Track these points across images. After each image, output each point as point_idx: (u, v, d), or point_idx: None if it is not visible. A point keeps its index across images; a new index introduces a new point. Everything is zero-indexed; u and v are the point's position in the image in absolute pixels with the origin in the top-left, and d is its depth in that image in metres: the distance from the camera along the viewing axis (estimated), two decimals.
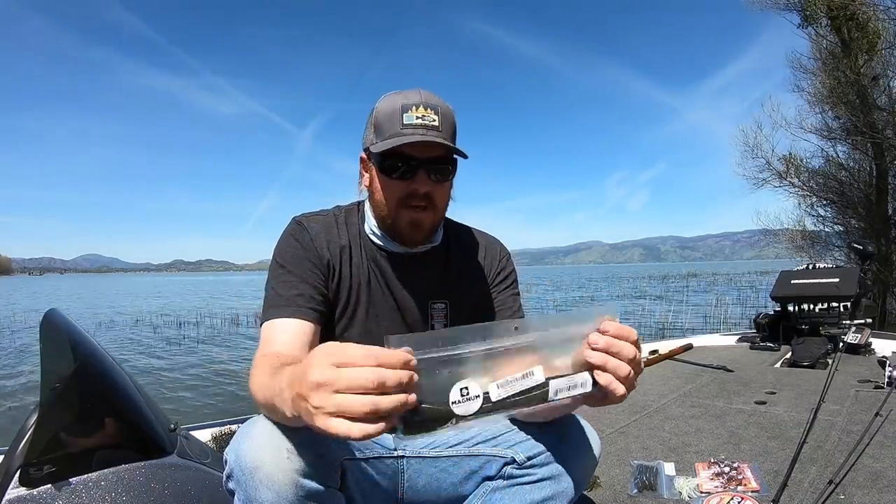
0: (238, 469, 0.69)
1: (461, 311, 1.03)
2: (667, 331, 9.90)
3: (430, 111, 0.89)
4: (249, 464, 0.68)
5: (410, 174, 0.90)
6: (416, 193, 0.90)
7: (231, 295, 30.51)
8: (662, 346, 3.80)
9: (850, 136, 9.02)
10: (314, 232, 0.96)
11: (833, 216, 9.90)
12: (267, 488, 0.67)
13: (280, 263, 0.93)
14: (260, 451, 0.69)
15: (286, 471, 0.68)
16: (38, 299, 28.06)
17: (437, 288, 1.02)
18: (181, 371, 7.16)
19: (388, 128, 0.89)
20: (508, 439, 0.91)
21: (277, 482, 0.67)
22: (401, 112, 0.88)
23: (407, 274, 1.00)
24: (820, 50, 9.39)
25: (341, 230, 0.99)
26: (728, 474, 1.61)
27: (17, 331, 12.02)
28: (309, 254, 0.94)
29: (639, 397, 2.60)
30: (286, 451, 0.69)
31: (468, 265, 1.06)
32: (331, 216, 1.01)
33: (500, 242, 1.12)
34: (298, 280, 0.91)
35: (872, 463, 1.64)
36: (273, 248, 0.97)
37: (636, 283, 27.62)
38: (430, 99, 0.90)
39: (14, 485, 0.92)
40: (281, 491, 0.67)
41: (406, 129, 0.88)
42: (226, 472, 0.73)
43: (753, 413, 2.27)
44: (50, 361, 1.06)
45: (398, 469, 0.96)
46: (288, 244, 0.95)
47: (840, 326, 3.64)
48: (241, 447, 0.70)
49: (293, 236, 0.96)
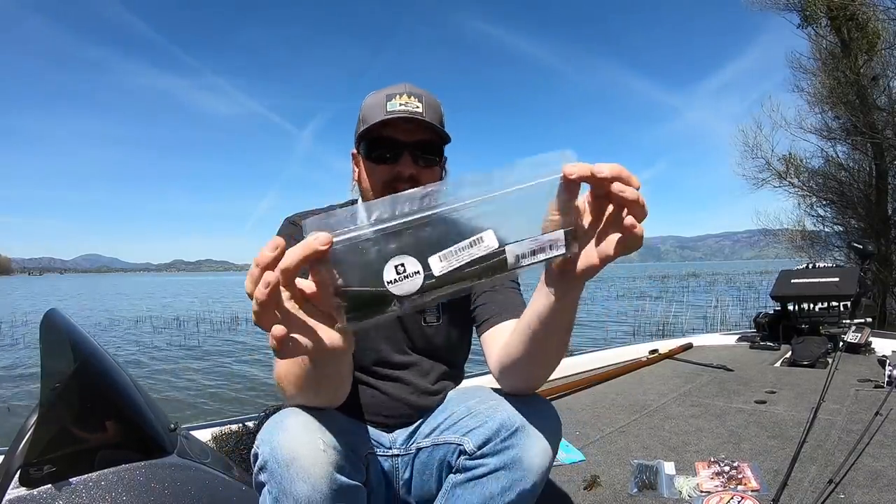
0: (273, 461, 0.69)
1: (452, 302, 1.01)
2: (667, 330, 9.90)
3: (413, 98, 0.91)
4: (286, 456, 0.68)
5: (395, 158, 0.91)
6: (400, 177, 0.92)
7: (231, 295, 30.52)
8: (662, 345, 3.79)
9: (850, 136, 9.02)
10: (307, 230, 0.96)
11: (833, 216, 9.91)
12: (303, 481, 0.67)
13: None
14: (296, 444, 0.68)
15: (322, 464, 0.68)
16: (38, 299, 28.07)
17: None
18: (181, 371, 7.16)
19: (372, 116, 0.91)
20: (465, 425, 0.86)
21: (314, 475, 0.67)
22: (385, 101, 0.90)
23: None
24: (820, 50, 9.39)
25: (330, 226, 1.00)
26: (728, 473, 1.61)
27: (17, 331, 12.02)
28: None
29: (639, 397, 2.60)
30: (322, 444, 0.69)
31: None
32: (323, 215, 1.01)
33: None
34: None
35: (872, 462, 1.64)
36: None
37: (636, 283, 27.64)
38: (414, 89, 0.92)
39: (14, 485, 0.92)
40: (317, 484, 0.67)
41: (390, 115, 0.89)
42: (258, 465, 0.72)
43: (753, 412, 2.28)
44: (50, 361, 1.06)
45: (393, 468, 0.98)
46: None
47: (840, 326, 3.64)
48: (276, 439, 0.70)
49: (287, 235, 0.95)
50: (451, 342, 1.05)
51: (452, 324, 1.05)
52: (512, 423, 0.81)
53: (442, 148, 0.96)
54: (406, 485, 0.97)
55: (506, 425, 0.81)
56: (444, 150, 0.96)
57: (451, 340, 1.05)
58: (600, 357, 3.46)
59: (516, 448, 0.80)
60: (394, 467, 0.98)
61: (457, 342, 1.07)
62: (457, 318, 1.04)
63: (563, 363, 3.26)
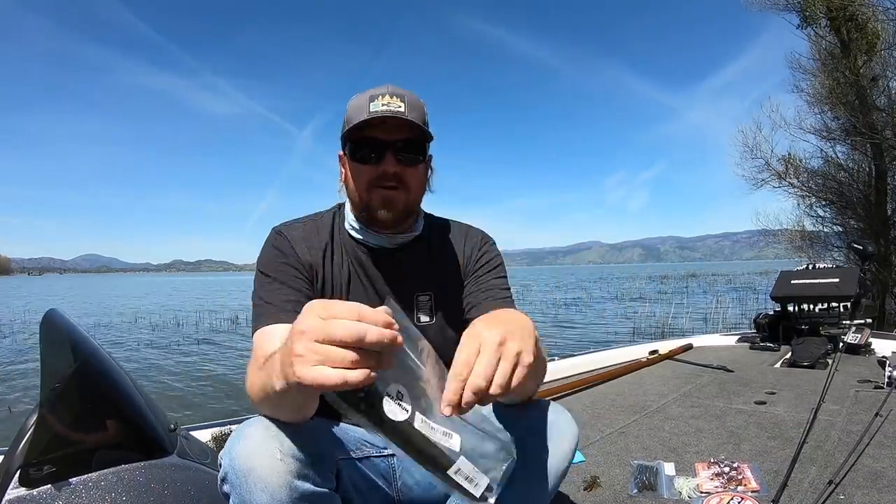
0: (232, 472, 0.69)
1: (446, 301, 1.03)
2: (667, 331, 9.91)
3: (395, 98, 0.92)
4: (243, 466, 0.68)
5: (378, 157, 0.92)
6: (385, 175, 0.93)
7: (230, 295, 30.50)
8: (662, 346, 3.80)
9: (850, 136, 9.03)
10: (294, 239, 0.97)
11: (832, 217, 9.92)
12: (261, 491, 0.67)
13: (264, 273, 0.94)
14: (253, 454, 0.69)
15: (280, 473, 0.68)
16: (38, 299, 28.05)
17: (421, 280, 1.02)
18: (181, 371, 7.16)
19: (355, 116, 0.92)
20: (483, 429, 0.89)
21: (271, 485, 0.67)
22: (368, 102, 0.91)
23: (390, 268, 1.01)
24: (819, 50, 9.40)
25: (322, 233, 1.01)
26: (728, 474, 1.61)
27: (16, 331, 12.01)
28: (291, 260, 0.95)
29: (639, 397, 2.60)
30: (279, 453, 0.69)
31: (450, 255, 1.07)
32: (310, 222, 1.02)
33: (482, 231, 1.13)
34: (285, 287, 0.92)
35: (872, 463, 1.64)
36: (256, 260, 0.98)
37: (636, 284, 27.64)
38: (396, 90, 0.93)
39: (14, 485, 0.92)
40: (275, 493, 0.67)
41: (372, 115, 0.90)
42: (220, 476, 0.73)
43: (753, 413, 2.28)
44: (50, 361, 1.06)
45: (390, 468, 0.97)
46: (269, 253, 0.96)
47: (840, 326, 3.64)
48: (235, 450, 0.70)
49: (274, 245, 0.97)
50: (445, 341, 1.04)
51: (446, 322, 1.04)
52: (534, 428, 0.85)
53: (426, 146, 0.97)
54: (406, 486, 0.97)
55: (530, 429, 0.85)
56: (428, 149, 0.97)
57: (445, 339, 1.04)
58: (600, 358, 3.47)
59: (539, 451, 0.84)
60: (391, 468, 0.97)
61: (451, 342, 1.06)
62: (450, 316, 1.04)
63: (563, 363, 3.27)
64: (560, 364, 3.19)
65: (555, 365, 3.17)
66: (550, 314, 13.74)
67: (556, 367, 3.15)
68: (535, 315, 13.64)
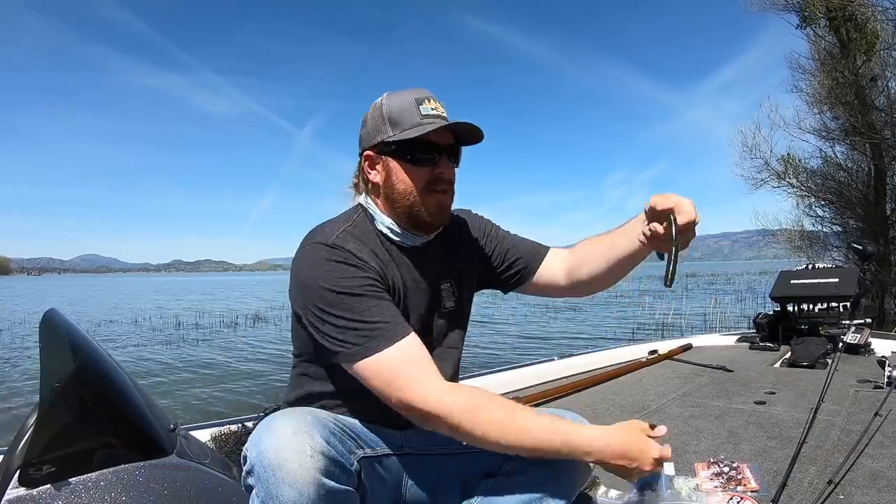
0: (260, 466, 0.70)
1: (463, 285, 1.09)
2: (666, 331, 9.91)
3: (439, 104, 0.96)
4: (272, 461, 0.68)
5: (434, 161, 0.95)
6: (441, 178, 0.96)
7: (230, 295, 30.50)
8: (662, 346, 3.79)
9: (849, 136, 9.03)
10: (353, 248, 0.91)
11: (831, 216, 9.92)
12: (290, 486, 0.67)
13: (348, 293, 0.85)
14: (283, 449, 0.69)
15: (309, 469, 0.68)
16: (37, 299, 28.03)
17: (443, 269, 1.06)
18: (180, 371, 7.16)
19: (407, 119, 0.93)
20: None
21: (300, 480, 0.68)
22: (416, 105, 0.94)
23: (417, 262, 1.02)
24: (818, 50, 9.40)
25: (370, 239, 0.97)
26: (727, 474, 1.61)
27: (16, 331, 12.00)
28: (367, 271, 0.89)
29: (638, 397, 2.60)
30: (310, 450, 0.70)
31: (463, 241, 1.12)
32: (350, 229, 0.96)
33: (466, 211, 1.19)
34: (377, 299, 0.87)
35: (872, 463, 1.64)
36: (311, 280, 0.87)
37: (635, 284, 27.63)
38: (432, 95, 0.97)
39: (14, 485, 0.92)
40: (304, 490, 0.68)
41: (426, 118, 0.93)
42: (245, 468, 0.73)
43: (753, 413, 2.28)
44: (49, 361, 1.06)
45: (401, 466, 0.97)
46: (340, 271, 0.86)
47: (839, 326, 3.64)
48: (264, 444, 0.70)
49: (337, 261, 0.87)
50: (461, 320, 1.11)
51: (463, 304, 1.10)
52: None
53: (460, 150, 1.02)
54: (417, 485, 0.97)
55: None
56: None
57: (461, 318, 1.10)
58: (599, 358, 3.46)
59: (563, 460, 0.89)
60: (405, 467, 0.97)
61: (465, 318, 1.13)
62: (465, 298, 1.11)
63: (563, 363, 3.26)
64: (560, 364, 3.19)
65: (554, 365, 3.17)
66: (550, 314, 13.74)
67: (555, 367, 3.15)
68: (535, 315, 13.65)
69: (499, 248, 1.14)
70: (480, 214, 1.19)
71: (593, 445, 0.87)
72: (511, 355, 7.52)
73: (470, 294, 1.13)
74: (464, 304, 1.10)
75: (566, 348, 7.65)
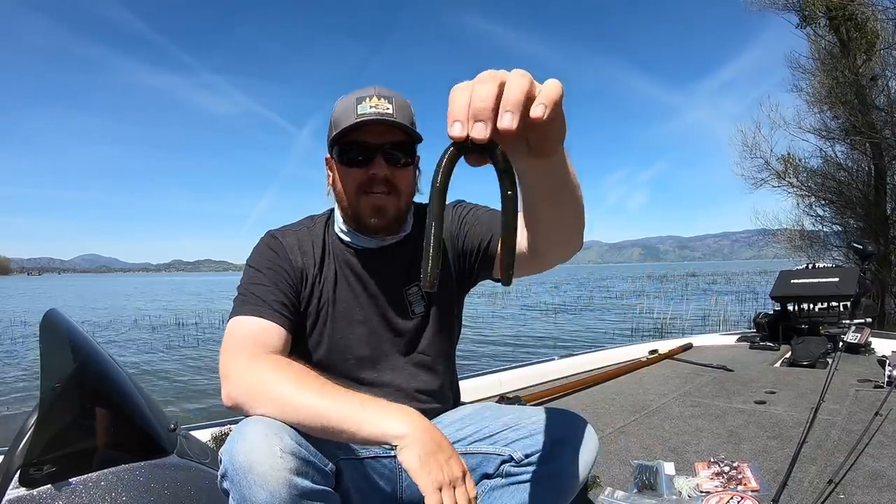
0: (232, 469, 0.70)
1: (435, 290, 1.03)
2: (666, 330, 9.91)
3: (383, 100, 0.91)
4: (243, 464, 0.69)
5: (367, 160, 0.92)
6: (375, 179, 0.92)
7: (230, 295, 30.49)
8: (662, 345, 3.80)
9: (849, 136, 9.04)
10: (288, 245, 0.99)
11: (831, 216, 9.93)
12: (261, 488, 0.68)
13: (256, 269, 0.95)
14: (253, 452, 0.69)
15: (279, 470, 0.68)
16: (35, 299, 28.05)
17: (409, 273, 1.02)
18: (181, 370, 7.15)
19: (344, 120, 0.91)
20: (506, 437, 0.92)
21: (271, 481, 0.68)
22: (355, 104, 0.91)
23: (379, 267, 1.01)
24: (818, 50, 9.41)
25: (315, 239, 1.02)
26: (728, 474, 1.61)
27: (16, 331, 12.00)
28: (283, 262, 0.96)
29: (639, 397, 2.60)
30: (279, 451, 0.69)
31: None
32: (304, 229, 1.04)
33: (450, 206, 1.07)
34: (273, 285, 0.93)
35: (872, 462, 1.64)
36: (246, 260, 1.00)
37: (635, 283, 27.67)
38: (383, 91, 0.93)
39: (14, 485, 0.92)
40: (275, 490, 0.68)
41: (360, 117, 0.90)
42: (220, 472, 0.74)
43: (753, 413, 2.28)
44: (50, 361, 1.06)
45: (396, 468, 0.97)
46: (262, 252, 0.98)
47: (840, 326, 3.64)
48: (235, 447, 0.71)
49: (268, 246, 0.99)
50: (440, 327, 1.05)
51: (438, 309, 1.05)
52: (559, 437, 0.89)
53: (414, 148, 0.96)
54: (412, 486, 0.97)
55: (554, 439, 0.89)
56: (416, 151, 0.97)
57: (440, 325, 1.05)
58: (599, 357, 3.47)
59: (561, 459, 0.88)
60: (397, 468, 0.97)
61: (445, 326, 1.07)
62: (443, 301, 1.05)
63: (563, 363, 3.26)
64: (560, 364, 3.19)
65: (554, 365, 3.17)
66: (550, 314, 13.75)
67: (555, 366, 3.15)
68: (535, 315, 13.65)
69: (471, 242, 1.02)
70: (462, 204, 1.06)
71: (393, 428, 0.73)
72: (511, 355, 7.52)
73: (449, 297, 1.05)
74: (439, 308, 1.04)
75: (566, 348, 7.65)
